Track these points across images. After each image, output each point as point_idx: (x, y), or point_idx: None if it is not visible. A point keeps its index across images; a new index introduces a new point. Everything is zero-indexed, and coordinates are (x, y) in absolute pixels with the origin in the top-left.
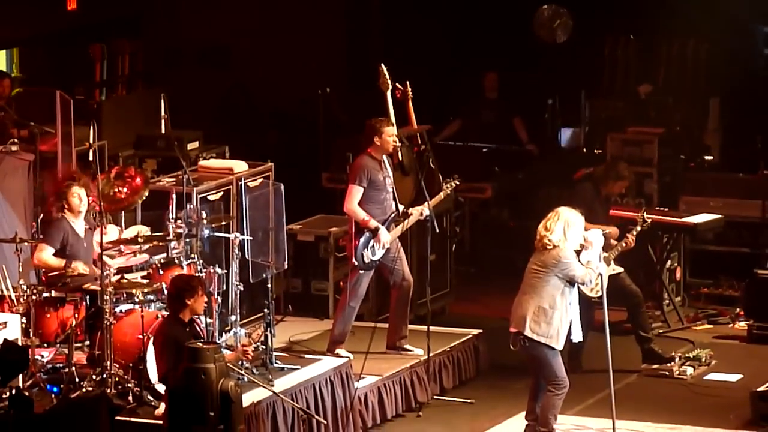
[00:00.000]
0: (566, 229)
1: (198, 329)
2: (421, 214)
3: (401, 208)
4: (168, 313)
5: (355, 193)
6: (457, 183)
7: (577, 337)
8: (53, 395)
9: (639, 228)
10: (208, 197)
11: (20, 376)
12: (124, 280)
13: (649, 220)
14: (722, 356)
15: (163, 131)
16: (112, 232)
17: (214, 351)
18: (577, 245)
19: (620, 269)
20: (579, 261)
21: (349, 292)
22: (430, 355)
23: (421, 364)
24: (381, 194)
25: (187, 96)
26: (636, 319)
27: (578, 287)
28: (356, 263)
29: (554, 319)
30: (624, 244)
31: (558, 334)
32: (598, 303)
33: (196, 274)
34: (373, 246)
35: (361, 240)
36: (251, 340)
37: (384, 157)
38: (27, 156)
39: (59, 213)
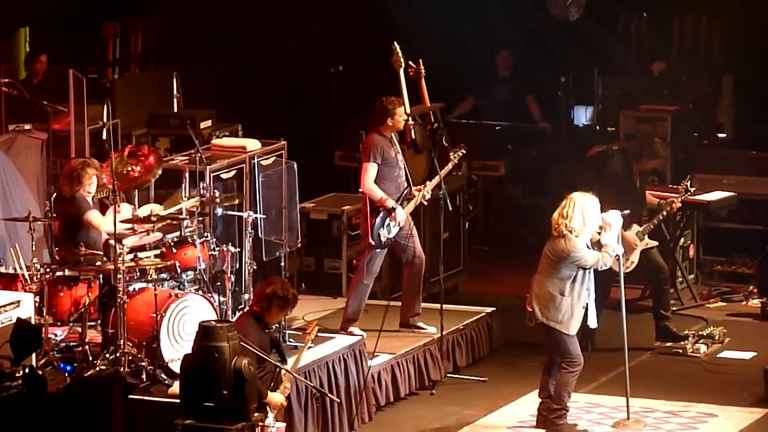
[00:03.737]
0: (584, 213)
1: (274, 336)
2: (430, 191)
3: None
4: (251, 307)
5: (371, 170)
6: (464, 152)
7: (593, 323)
8: (66, 374)
9: (680, 199)
10: (221, 176)
11: (34, 355)
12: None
13: (693, 189)
14: (735, 334)
15: (175, 110)
16: (125, 211)
17: (227, 329)
18: (596, 227)
19: (654, 243)
20: (600, 243)
21: (364, 270)
22: (444, 333)
23: (435, 342)
24: (394, 171)
25: (199, 74)
26: (658, 296)
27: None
28: (372, 242)
29: (563, 305)
30: (655, 222)
31: (569, 320)
32: (615, 281)
33: (296, 291)
34: (389, 224)
35: (378, 219)
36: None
37: (392, 134)
38: (40, 135)
39: (73, 192)
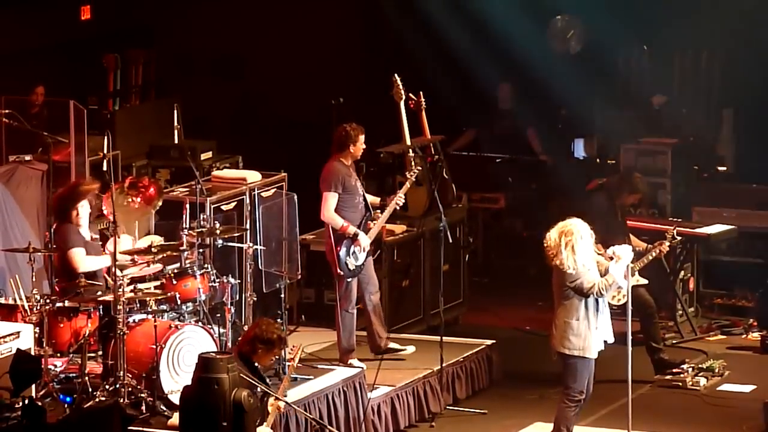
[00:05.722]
0: (574, 246)
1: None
2: (397, 203)
3: (370, 198)
4: (238, 346)
5: (331, 200)
6: (419, 170)
7: (610, 338)
8: (66, 405)
9: (668, 244)
10: (222, 207)
11: (33, 386)
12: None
13: (679, 238)
14: (735, 367)
15: (176, 141)
16: (125, 242)
17: (227, 361)
18: (589, 256)
19: (645, 281)
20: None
21: (341, 300)
22: (443, 365)
23: (434, 374)
24: (354, 198)
25: (200, 106)
26: (648, 330)
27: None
28: (341, 272)
29: (581, 330)
30: (651, 256)
31: (589, 345)
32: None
33: (283, 333)
34: (354, 252)
35: (343, 248)
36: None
37: (351, 162)
38: (40, 166)
39: (68, 221)
